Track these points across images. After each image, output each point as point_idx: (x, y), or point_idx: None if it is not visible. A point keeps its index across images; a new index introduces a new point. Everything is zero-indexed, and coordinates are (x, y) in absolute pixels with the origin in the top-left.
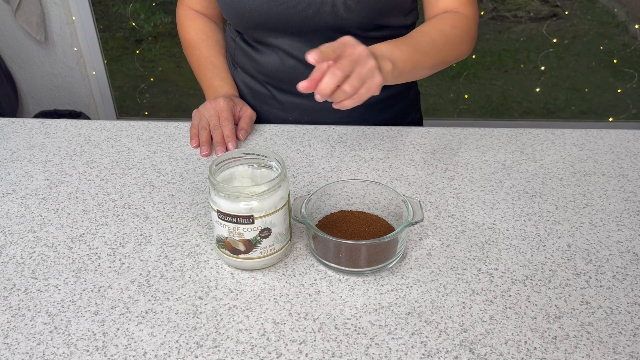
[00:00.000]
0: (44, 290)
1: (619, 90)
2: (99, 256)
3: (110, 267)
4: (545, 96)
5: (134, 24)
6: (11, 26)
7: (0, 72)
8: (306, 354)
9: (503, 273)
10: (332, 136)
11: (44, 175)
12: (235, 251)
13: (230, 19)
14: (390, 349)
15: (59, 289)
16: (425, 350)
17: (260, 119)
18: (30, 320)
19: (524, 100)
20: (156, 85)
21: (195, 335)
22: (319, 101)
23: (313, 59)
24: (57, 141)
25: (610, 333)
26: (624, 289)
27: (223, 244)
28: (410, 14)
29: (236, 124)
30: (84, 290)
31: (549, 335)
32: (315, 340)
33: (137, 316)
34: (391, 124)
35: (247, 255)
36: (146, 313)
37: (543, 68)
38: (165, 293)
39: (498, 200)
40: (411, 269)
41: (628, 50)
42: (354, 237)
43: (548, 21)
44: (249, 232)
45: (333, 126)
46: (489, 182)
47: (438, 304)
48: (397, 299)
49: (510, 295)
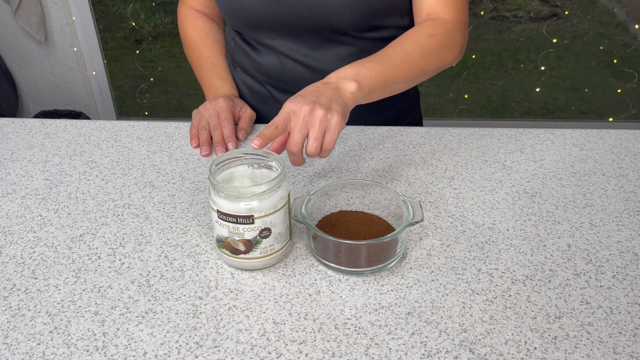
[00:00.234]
0: (44, 290)
1: (619, 90)
2: (99, 256)
3: (110, 267)
4: (545, 96)
5: (134, 24)
6: (11, 26)
7: (0, 72)
8: (306, 354)
9: (503, 273)
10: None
11: (44, 175)
12: (235, 251)
13: (228, 19)
14: (390, 349)
15: (59, 289)
16: (425, 350)
17: (260, 119)
18: (30, 320)
19: (524, 100)
20: (156, 85)
21: (195, 335)
22: (297, 164)
23: (257, 146)
24: (57, 141)
25: (610, 333)
26: (624, 289)
27: (223, 244)
28: (407, 15)
29: (236, 124)
30: (84, 290)
31: (549, 335)
32: (315, 340)
33: (137, 316)
34: (391, 124)
35: (247, 255)
36: (146, 313)
37: (543, 68)
38: (165, 293)
39: (498, 200)
40: (411, 269)
41: (628, 50)
42: (354, 237)
43: (548, 21)
44: (249, 232)
45: None
46: (489, 182)
47: (438, 304)
48: (397, 299)
49: (510, 295)
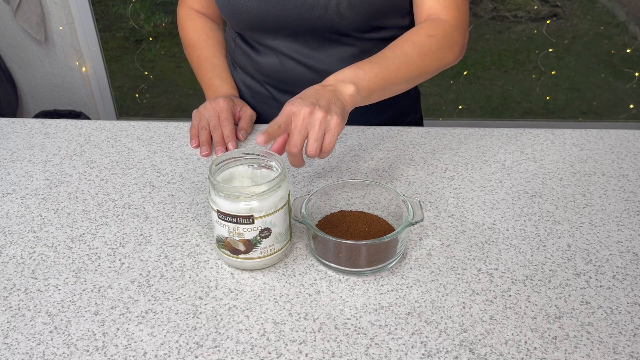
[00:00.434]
0: (44, 290)
1: (619, 91)
2: (99, 256)
3: (110, 267)
4: (545, 96)
5: (134, 24)
6: (11, 26)
7: (0, 72)
8: (306, 354)
9: (503, 273)
10: None
11: (44, 175)
12: (235, 251)
13: (228, 20)
14: (390, 349)
15: (59, 289)
16: (425, 351)
17: (260, 119)
18: (30, 320)
19: (524, 100)
20: (156, 85)
21: (195, 335)
22: (297, 166)
23: (262, 141)
24: (57, 141)
25: (610, 333)
26: (624, 289)
27: (223, 244)
28: (407, 15)
29: (236, 124)
30: (84, 290)
31: (549, 335)
32: (315, 340)
33: (137, 316)
34: (391, 124)
35: (247, 256)
36: (146, 313)
37: (543, 68)
38: (165, 293)
39: (498, 200)
40: (411, 269)
41: (628, 50)
42: (354, 237)
43: (548, 21)
44: (249, 232)
45: None
46: (489, 182)
47: (438, 304)
48: (397, 299)
49: (510, 295)
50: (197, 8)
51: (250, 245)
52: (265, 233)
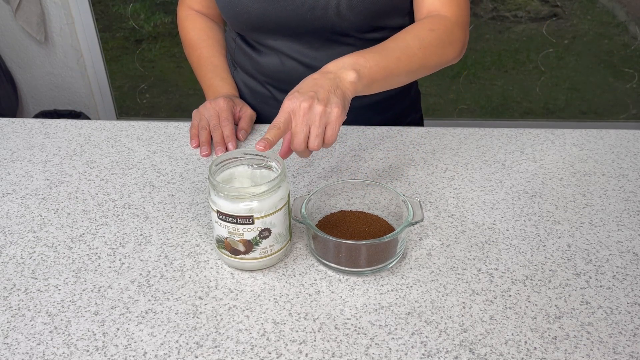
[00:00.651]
0: (44, 290)
1: (619, 91)
2: (99, 256)
3: (110, 267)
4: (545, 96)
5: (134, 24)
6: (11, 26)
7: (0, 72)
8: (306, 354)
9: (503, 273)
10: None
11: (44, 175)
12: (235, 252)
13: (229, 21)
14: (390, 349)
15: (59, 289)
16: (425, 351)
17: (260, 119)
18: (30, 320)
19: (524, 100)
20: (156, 85)
21: (195, 335)
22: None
23: (262, 148)
24: (57, 141)
25: (610, 333)
26: (624, 289)
27: (223, 244)
28: (408, 15)
29: (236, 124)
30: (84, 290)
31: (549, 335)
32: (315, 340)
33: (137, 316)
34: (392, 124)
35: (247, 256)
36: (146, 313)
37: (543, 68)
38: (165, 293)
39: (498, 200)
40: (411, 269)
41: (628, 50)
42: (354, 237)
43: (548, 21)
44: (249, 233)
45: None
46: (489, 182)
47: (438, 304)
48: (397, 299)
49: (510, 295)
50: (197, 8)
51: (250, 245)
52: (265, 233)
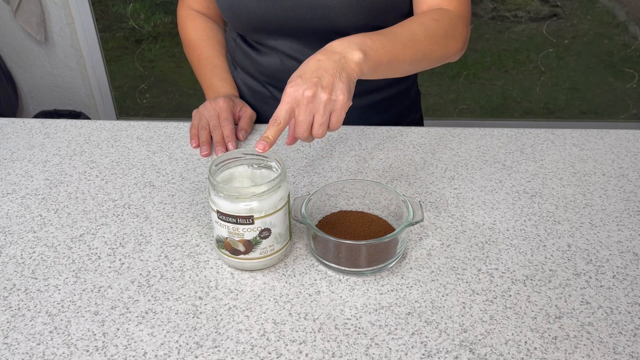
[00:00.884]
0: (44, 290)
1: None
2: (99, 256)
3: (110, 267)
4: (545, 96)
5: (134, 24)
6: (11, 26)
7: (0, 72)
8: (306, 354)
9: (503, 273)
10: (332, 136)
11: (44, 175)
12: (235, 252)
13: (230, 21)
14: (390, 349)
15: (59, 289)
16: (426, 351)
17: (260, 119)
18: (30, 320)
19: (524, 100)
20: (156, 85)
21: (195, 335)
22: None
23: (261, 150)
24: (57, 141)
25: (610, 333)
26: (624, 289)
27: (223, 244)
28: (408, 15)
29: (236, 124)
30: (84, 290)
31: (549, 335)
32: (315, 341)
33: (137, 316)
34: (392, 124)
35: (247, 256)
36: (146, 313)
37: (543, 68)
38: (165, 293)
39: (498, 200)
40: (411, 269)
41: (628, 50)
42: (354, 237)
43: (548, 21)
44: (249, 233)
45: None
46: (489, 182)
47: (438, 304)
48: (397, 299)
49: (510, 295)
50: (197, 8)
51: (250, 245)
52: (265, 233)
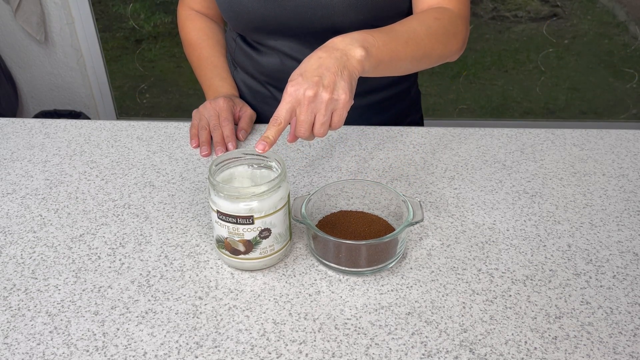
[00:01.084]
0: (44, 290)
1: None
2: (99, 256)
3: (110, 267)
4: (545, 96)
5: (134, 24)
6: (11, 26)
7: (0, 72)
8: (306, 354)
9: (503, 273)
10: (332, 136)
11: (44, 175)
12: (235, 252)
13: (230, 22)
14: (390, 349)
15: (59, 289)
16: (426, 351)
17: (260, 119)
18: (30, 320)
19: (524, 100)
20: (156, 85)
21: (195, 335)
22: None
23: (261, 150)
24: (57, 141)
25: (610, 333)
26: (624, 289)
27: (223, 244)
28: (408, 14)
29: (236, 124)
30: (84, 290)
31: (549, 335)
32: (315, 341)
33: (137, 316)
34: (392, 124)
35: (247, 256)
36: (146, 313)
37: (543, 68)
38: (165, 293)
39: (498, 200)
40: (411, 269)
41: (628, 50)
42: (354, 237)
43: (548, 21)
44: (249, 233)
45: None
46: (489, 182)
47: (438, 304)
48: (397, 299)
49: (510, 295)
50: (198, 8)
51: (250, 245)
52: (265, 233)
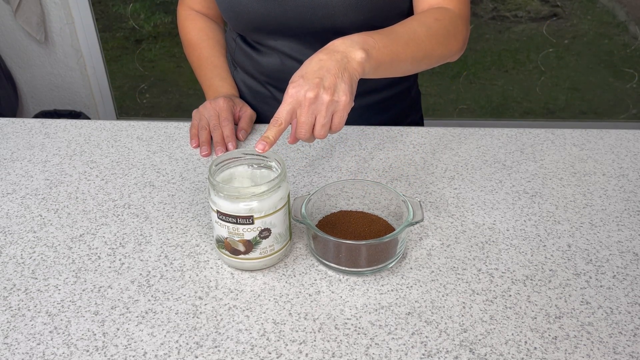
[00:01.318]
0: (44, 290)
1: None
2: (99, 256)
3: (110, 267)
4: (545, 96)
5: (134, 24)
6: (11, 26)
7: (0, 72)
8: (306, 354)
9: (503, 273)
10: (332, 136)
11: (44, 175)
12: (235, 252)
13: (230, 22)
14: (390, 349)
15: (59, 289)
16: (426, 351)
17: (260, 119)
18: (30, 320)
19: (524, 100)
20: (156, 85)
21: (195, 335)
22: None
23: (261, 150)
24: (57, 141)
25: (610, 333)
26: (624, 289)
27: (223, 244)
28: (408, 14)
29: (236, 124)
30: (84, 290)
31: (549, 335)
32: (315, 341)
33: (137, 316)
34: (392, 124)
35: (247, 256)
36: (146, 313)
37: (543, 68)
38: (165, 293)
39: (498, 200)
40: (411, 269)
41: (628, 50)
42: (354, 237)
43: (548, 21)
44: (249, 233)
45: None
46: (489, 182)
47: (438, 304)
48: (397, 299)
49: (510, 295)
50: (197, 8)
51: (250, 245)
52: (265, 233)
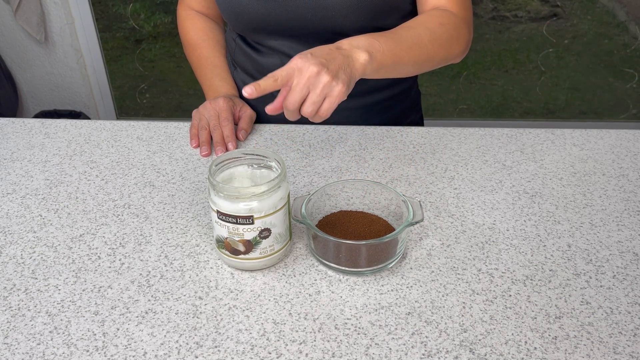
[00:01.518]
0: (44, 290)
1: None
2: (99, 256)
3: (110, 267)
4: (545, 96)
5: (134, 24)
6: (11, 26)
7: (0, 72)
8: (306, 354)
9: (503, 273)
10: (332, 136)
11: (44, 175)
12: (235, 252)
13: (230, 22)
14: (390, 349)
15: (59, 289)
16: (426, 351)
17: (260, 119)
18: (30, 320)
19: (524, 100)
20: (156, 85)
21: (195, 335)
22: (291, 119)
23: (247, 94)
24: (57, 141)
25: (610, 333)
26: (624, 289)
27: (223, 244)
28: (409, 15)
29: (236, 124)
30: (84, 290)
31: (549, 335)
32: (315, 341)
33: (137, 316)
34: (392, 124)
35: (247, 256)
36: (146, 313)
37: (543, 68)
38: (165, 293)
39: (498, 200)
40: (411, 269)
41: (628, 50)
42: (354, 237)
43: (548, 21)
44: (249, 233)
45: (333, 126)
46: (489, 182)
47: (438, 304)
48: (397, 299)
49: (510, 295)
50: (197, 8)
51: (250, 245)
52: (265, 233)
